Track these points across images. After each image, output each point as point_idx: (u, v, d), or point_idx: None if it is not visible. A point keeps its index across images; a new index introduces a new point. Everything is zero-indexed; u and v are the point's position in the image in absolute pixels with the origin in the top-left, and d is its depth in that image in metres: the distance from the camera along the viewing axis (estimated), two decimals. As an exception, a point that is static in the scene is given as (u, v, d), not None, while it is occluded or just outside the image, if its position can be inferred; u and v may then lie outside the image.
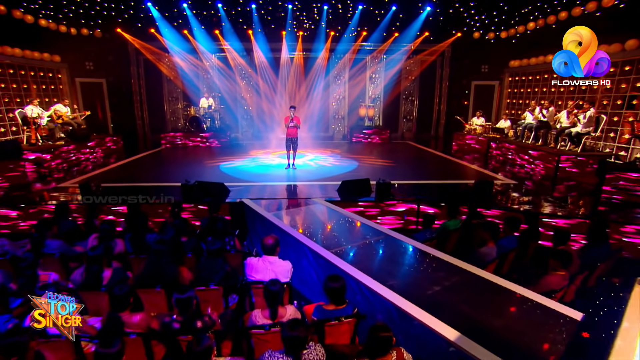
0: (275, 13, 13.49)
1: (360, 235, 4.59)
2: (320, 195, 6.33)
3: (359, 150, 11.76)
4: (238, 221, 5.67)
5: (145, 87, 14.16)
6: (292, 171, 8.35)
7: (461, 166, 9.51)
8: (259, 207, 5.46)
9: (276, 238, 3.24)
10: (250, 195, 6.36)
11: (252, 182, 7.43)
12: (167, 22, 12.91)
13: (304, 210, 5.53)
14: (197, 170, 8.54)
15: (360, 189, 6.14)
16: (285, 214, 5.48)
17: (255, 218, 5.39)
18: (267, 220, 4.96)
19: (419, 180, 7.80)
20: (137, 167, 9.29)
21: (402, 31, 13.91)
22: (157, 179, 7.90)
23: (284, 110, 13.71)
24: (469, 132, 12.37)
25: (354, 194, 6.08)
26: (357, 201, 5.91)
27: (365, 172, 8.26)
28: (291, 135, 8.16)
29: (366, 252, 4.05)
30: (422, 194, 6.47)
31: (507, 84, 14.04)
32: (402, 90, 15.06)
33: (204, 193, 5.94)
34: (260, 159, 10.07)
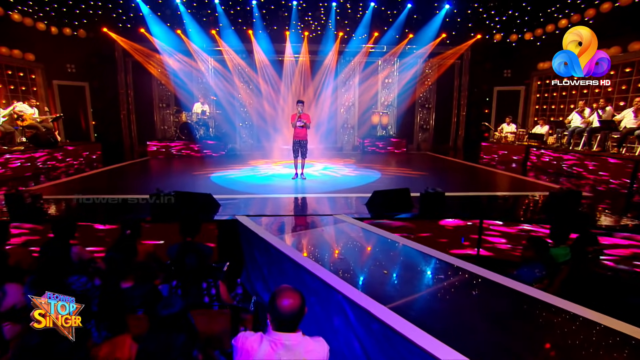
0: (278, 12, 12.26)
1: (422, 273, 2.89)
2: (342, 210, 4.67)
3: (376, 160, 10.16)
4: (229, 248, 3.99)
5: (134, 92, 12.73)
6: (300, 181, 6.72)
7: (506, 177, 7.85)
8: (259, 227, 3.79)
9: (299, 296, 1.55)
10: (247, 210, 4.71)
11: (251, 194, 5.77)
12: (159, 20, 11.64)
13: (325, 233, 3.86)
14: (181, 181, 6.90)
15: (398, 202, 4.49)
16: (298, 238, 3.80)
17: (254, 243, 3.71)
18: (272, 248, 3.28)
19: (464, 192, 6.12)
20: (110, 177, 7.64)
21: (417, 32, 12.67)
22: (127, 191, 6.20)
23: (286, 118, 12.25)
24: (498, 141, 10.85)
25: (391, 209, 4.42)
26: (396, 218, 4.24)
27: (392, 182, 6.65)
28: (299, 137, 6.58)
29: (445, 305, 2.36)
30: (476, 209, 4.83)
31: (534, 89, 12.65)
32: (417, 97, 13.65)
33: (184, 207, 4.29)
34: (261, 169, 8.45)
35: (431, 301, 2.38)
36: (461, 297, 2.44)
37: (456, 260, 2.80)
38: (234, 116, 12.72)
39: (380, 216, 4.29)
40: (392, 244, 3.40)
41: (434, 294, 2.45)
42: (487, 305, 2.34)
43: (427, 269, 2.87)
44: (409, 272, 2.89)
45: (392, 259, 3.18)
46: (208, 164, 9.11)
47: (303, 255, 3.01)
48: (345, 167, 8.75)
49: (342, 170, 8.26)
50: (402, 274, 2.84)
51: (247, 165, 9.01)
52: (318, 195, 5.67)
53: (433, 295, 2.43)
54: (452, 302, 2.38)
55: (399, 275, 2.81)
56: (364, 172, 7.98)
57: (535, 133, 9.68)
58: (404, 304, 2.24)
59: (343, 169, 8.55)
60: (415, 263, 3.02)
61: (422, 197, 4.31)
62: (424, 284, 2.64)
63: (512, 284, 2.38)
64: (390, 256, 3.23)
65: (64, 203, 5.06)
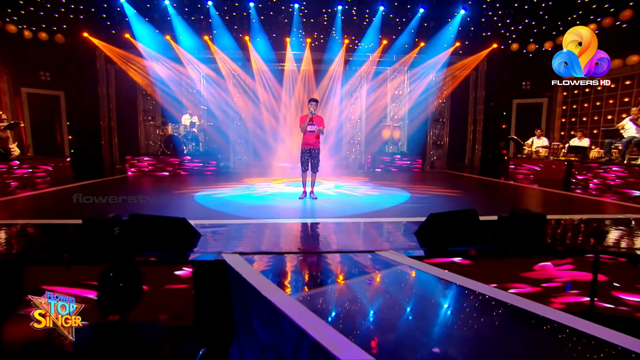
0: (278, 18, 11.21)
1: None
2: (381, 243, 3.16)
3: (394, 178, 8.73)
4: (210, 308, 2.45)
5: (116, 103, 11.38)
6: (310, 202, 5.22)
7: (568, 197, 6.34)
8: (257, 274, 2.27)
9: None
10: (239, 244, 3.18)
11: (245, 219, 4.21)
12: (146, 25, 10.49)
13: (367, 284, 2.33)
14: (155, 201, 5.35)
15: (466, 230, 3.00)
16: (322, 293, 2.26)
17: (251, 300, 2.18)
18: (278, 314, 1.77)
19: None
20: (56, 198, 5.96)
21: (429, 41, 11.66)
22: (64, 215, 4.55)
23: (289, 130, 10.92)
24: (529, 156, 9.55)
25: (453, 239, 2.93)
26: (469, 257, 2.74)
27: (431, 203, 5.17)
28: (309, 145, 5.15)
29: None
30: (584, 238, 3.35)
31: (559, 101, 11.53)
32: (429, 111, 12.45)
33: (138, 239, 2.75)
34: (259, 187, 6.94)
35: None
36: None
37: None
38: (228, 129, 11.35)
39: (439, 253, 2.79)
40: (489, 304, 1.89)
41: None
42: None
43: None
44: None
45: (498, 328, 1.67)
46: (194, 182, 7.61)
47: (330, 328, 1.49)
48: (362, 185, 7.29)
49: (358, 189, 6.78)
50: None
51: (241, 183, 7.52)
52: (339, 219, 4.13)
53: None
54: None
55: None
56: (387, 191, 6.51)
57: (576, 146, 8.38)
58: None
59: (359, 187, 7.08)
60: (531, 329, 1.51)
61: (506, 221, 2.83)
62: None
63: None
64: (495, 324, 1.72)
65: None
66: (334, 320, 1.79)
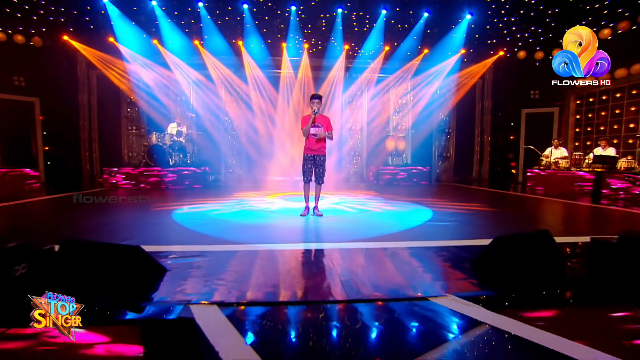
0: (274, 22, 10.54)
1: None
2: (425, 278, 2.23)
3: (404, 192, 7.82)
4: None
5: (97, 111, 10.46)
6: (314, 220, 4.28)
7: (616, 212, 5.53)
8: (241, 344, 1.33)
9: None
10: (219, 286, 2.22)
11: (232, 243, 3.22)
12: (132, 28, 9.72)
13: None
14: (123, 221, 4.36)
15: (540, 261, 2.10)
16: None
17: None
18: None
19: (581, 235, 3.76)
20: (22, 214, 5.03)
21: (433, 48, 11.06)
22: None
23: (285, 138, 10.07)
24: (547, 167, 8.77)
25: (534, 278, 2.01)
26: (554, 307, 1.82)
27: (464, 220, 4.24)
28: (312, 150, 4.25)
29: None
30: None
31: (572, 110, 10.90)
32: (434, 121, 11.73)
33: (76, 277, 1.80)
34: (251, 203, 5.98)
35: None
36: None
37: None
38: (220, 140, 10.45)
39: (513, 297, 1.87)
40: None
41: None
42: None
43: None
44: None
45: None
46: (177, 197, 6.63)
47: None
48: (370, 200, 6.38)
49: (368, 204, 5.86)
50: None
51: (231, 197, 6.56)
52: (356, 244, 3.16)
53: None
54: None
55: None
56: (402, 206, 5.59)
57: (603, 155, 7.62)
58: None
59: (368, 201, 6.16)
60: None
61: (614, 248, 1.93)
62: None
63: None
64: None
65: None
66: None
